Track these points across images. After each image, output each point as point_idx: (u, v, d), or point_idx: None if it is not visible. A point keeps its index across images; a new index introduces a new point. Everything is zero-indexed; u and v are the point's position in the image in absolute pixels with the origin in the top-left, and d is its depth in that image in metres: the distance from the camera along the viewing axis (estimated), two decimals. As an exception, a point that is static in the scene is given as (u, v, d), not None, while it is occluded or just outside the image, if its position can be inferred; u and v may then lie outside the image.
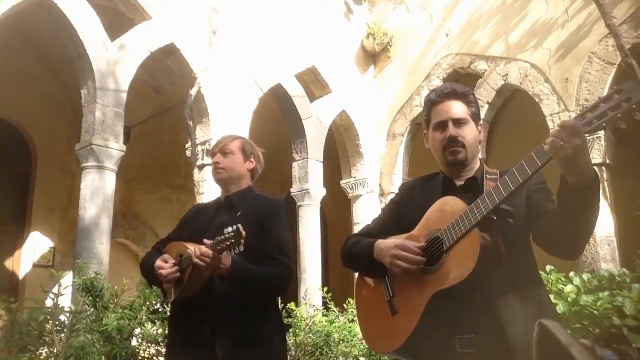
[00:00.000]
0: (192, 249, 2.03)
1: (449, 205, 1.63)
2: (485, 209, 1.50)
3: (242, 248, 1.93)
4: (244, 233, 1.89)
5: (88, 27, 5.28)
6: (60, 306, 3.75)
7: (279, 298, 2.46)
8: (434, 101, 1.78)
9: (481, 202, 1.52)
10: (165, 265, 2.12)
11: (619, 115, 1.30)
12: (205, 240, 1.99)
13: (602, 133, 5.64)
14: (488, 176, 1.70)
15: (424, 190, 1.84)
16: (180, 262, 2.12)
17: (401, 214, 1.86)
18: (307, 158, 7.14)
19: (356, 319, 4.64)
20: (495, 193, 1.50)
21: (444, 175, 1.80)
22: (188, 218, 2.43)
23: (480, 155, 1.84)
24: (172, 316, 2.30)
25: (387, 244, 1.69)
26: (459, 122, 1.73)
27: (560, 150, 1.35)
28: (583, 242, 1.58)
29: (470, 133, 1.74)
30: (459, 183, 1.75)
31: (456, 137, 1.71)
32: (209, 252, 1.95)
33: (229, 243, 1.91)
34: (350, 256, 1.87)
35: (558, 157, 1.37)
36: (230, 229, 1.92)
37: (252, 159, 2.37)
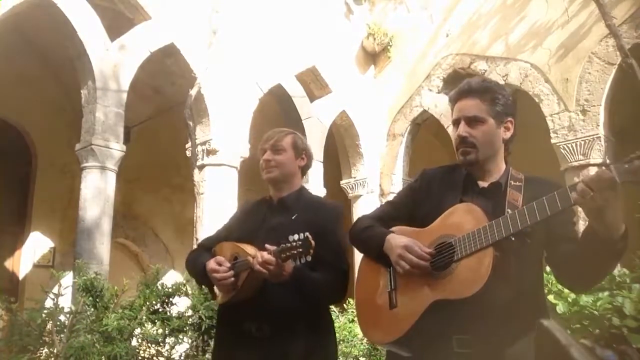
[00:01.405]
0: (252, 253, 1.90)
1: (470, 214, 1.58)
2: (506, 231, 1.46)
3: (309, 258, 1.76)
4: (313, 243, 1.75)
5: (88, 27, 5.28)
6: (60, 306, 3.75)
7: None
8: (453, 98, 1.73)
9: (502, 223, 1.47)
10: (220, 269, 1.99)
11: None
12: (268, 246, 1.85)
13: (601, 132, 5.65)
14: (512, 182, 1.63)
15: (444, 183, 1.75)
16: (234, 265, 2.00)
17: (416, 203, 1.79)
18: (307, 158, 7.13)
19: (356, 319, 4.64)
20: (519, 218, 1.45)
21: (467, 171, 1.72)
22: (238, 217, 2.30)
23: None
24: (220, 315, 2.20)
25: (397, 242, 1.64)
26: (472, 121, 1.65)
27: (590, 200, 1.30)
28: (594, 283, 1.56)
29: (485, 132, 1.65)
30: (482, 184, 1.69)
31: (466, 136, 1.65)
32: (272, 259, 1.81)
33: (295, 252, 1.76)
34: (359, 240, 1.83)
35: (585, 207, 1.32)
36: (297, 237, 1.77)
37: (304, 155, 2.22)
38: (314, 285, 1.95)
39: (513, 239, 1.47)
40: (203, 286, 2.36)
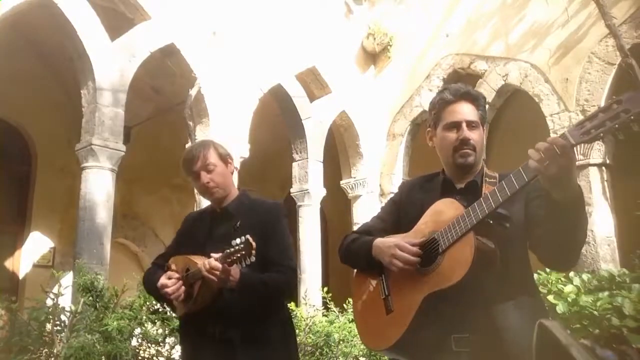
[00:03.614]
0: (200, 262, 1.98)
1: (447, 207, 1.65)
2: (481, 212, 1.52)
3: (252, 259, 1.87)
4: (254, 244, 1.85)
5: (88, 27, 5.28)
6: (60, 306, 3.76)
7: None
8: (448, 100, 1.76)
9: (477, 206, 1.53)
10: (170, 282, 2.07)
11: (617, 125, 1.29)
12: (213, 254, 1.93)
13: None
14: (487, 179, 1.70)
15: (423, 190, 1.85)
16: (186, 277, 2.08)
17: (400, 213, 1.87)
18: (307, 158, 7.14)
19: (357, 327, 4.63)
20: (491, 197, 1.51)
21: (444, 176, 1.81)
22: (184, 230, 2.36)
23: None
24: (182, 327, 2.26)
25: (386, 243, 1.70)
26: (471, 125, 1.73)
27: (545, 168, 1.36)
28: (572, 254, 1.58)
29: (480, 137, 1.75)
30: (459, 185, 1.76)
31: (469, 139, 1.71)
32: (218, 265, 1.89)
33: (239, 255, 1.86)
34: (349, 253, 1.88)
35: (542, 174, 1.38)
36: (238, 240, 1.87)
37: (229, 160, 2.26)
38: (265, 285, 2.04)
39: (491, 222, 1.53)
40: (162, 303, 2.41)
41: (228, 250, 1.88)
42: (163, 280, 2.09)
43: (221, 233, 2.13)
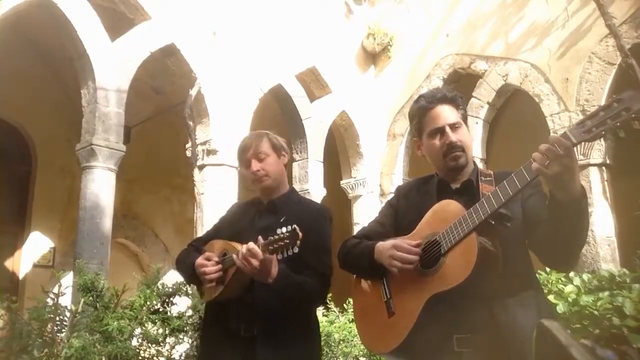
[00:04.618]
0: (240, 249, 1.89)
1: (448, 209, 1.64)
2: (484, 213, 1.51)
3: (296, 249, 1.76)
4: (300, 234, 1.75)
5: (88, 27, 5.28)
6: (61, 306, 3.75)
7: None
8: (426, 107, 1.78)
9: (479, 207, 1.53)
10: (208, 264, 2.01)
11: (618, 124, 1.30)
12: (260, 238, 1.84)
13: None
14: (483, 178, 1.71)
15: (420, 192, 1.85)
16: (223, 261, 2.02)
17: (398, 216, 1.87)
18: (307, 158, 7.14)
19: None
20: (494, 198, 1.51)
21: (439, 177, 1.81)
22: (226, 218, 2.33)
23: (481, 155, 1.86)
24: (207, 315, 2.21)
25: (386, 244, 1.70)
26: (454, 127, 1.74)
27: (547, 167, 1.36)
28: (573, 254, 1.58)
29: (466, 135, 1.76)
30: (455, 186, 1.76)
31: (456, 142, 1.72)
32: (258, 251, 1.80)
33: (282, 243, 1.77)
34: (350, 257, 1.87)
35: (545, 175, 1.38)
36: (284, 229, 1.78)
37: (284, 153, 2.24)
38: (298, 288, 1.97)
39: (493, 222, 1.53)
40: (192, 285, 2.35)
41: (272, 238, 1.79)
42: (201, 260, 2.03)
43: (263, 225, 2.07)
